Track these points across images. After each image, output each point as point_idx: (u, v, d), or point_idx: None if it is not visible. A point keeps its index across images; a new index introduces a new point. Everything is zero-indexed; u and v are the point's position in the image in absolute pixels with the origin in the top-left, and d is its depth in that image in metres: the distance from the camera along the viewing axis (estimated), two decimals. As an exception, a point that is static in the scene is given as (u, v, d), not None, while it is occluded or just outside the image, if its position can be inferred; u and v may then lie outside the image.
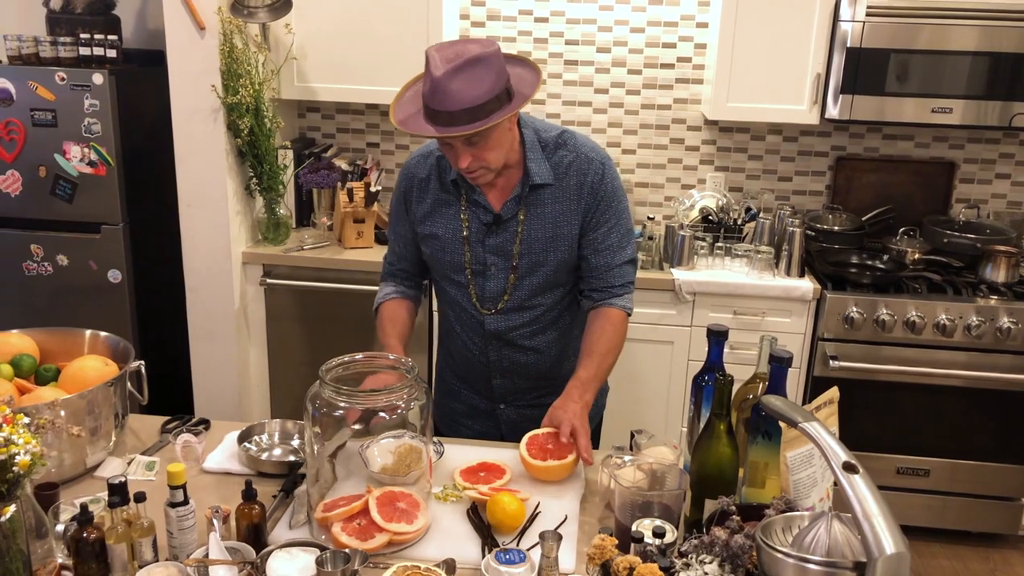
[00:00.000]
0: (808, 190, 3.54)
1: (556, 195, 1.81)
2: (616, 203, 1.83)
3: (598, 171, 1.81)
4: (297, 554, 1.35)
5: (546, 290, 1.86)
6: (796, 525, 1.21)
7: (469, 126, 1.57)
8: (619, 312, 1.86)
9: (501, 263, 1.83)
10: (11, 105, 3.13)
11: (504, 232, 1.82)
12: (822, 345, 3.03)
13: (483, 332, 1.89)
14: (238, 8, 2.97)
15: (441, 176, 1.86)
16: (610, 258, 1.84)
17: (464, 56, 1.56)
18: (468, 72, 1.56)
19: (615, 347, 1.85)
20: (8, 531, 1.23)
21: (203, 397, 3.27)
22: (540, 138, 1.82)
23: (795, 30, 3.04)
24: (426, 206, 1.87)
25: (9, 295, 3.33)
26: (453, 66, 1.55)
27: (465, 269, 1.86)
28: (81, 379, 1.67)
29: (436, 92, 1.57)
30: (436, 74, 1.56)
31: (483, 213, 1.82)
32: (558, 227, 1.81)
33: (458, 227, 1.84)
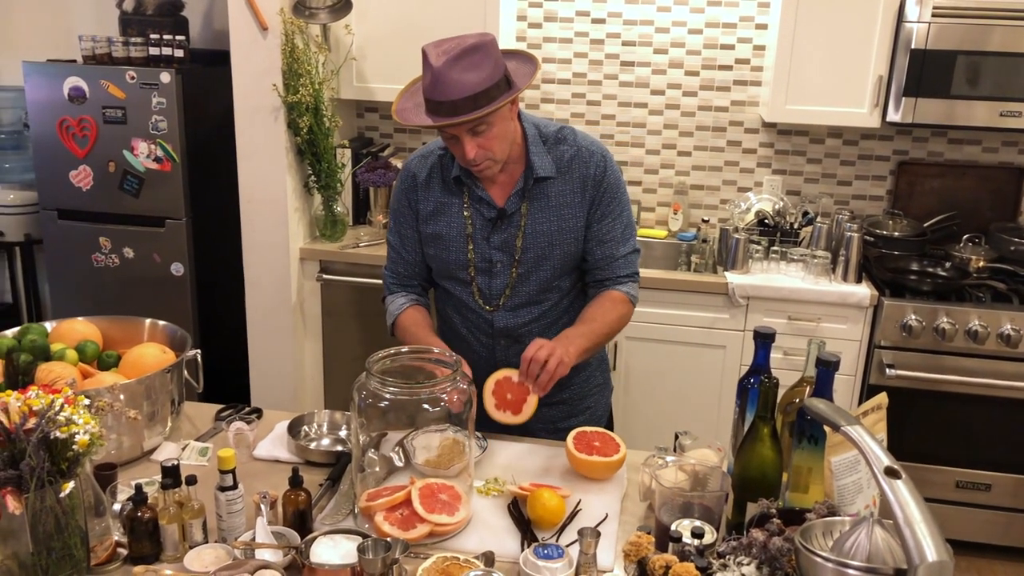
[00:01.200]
0: (868, 195, 3.46)
1: (560, 188, 1.82)
2: (619, 195, 1.85)
3: (600, 164, 1.82)
4: (340, 541, 1.38)
5: (553, 284, 1.86)
6: (837, 530, 1.19)
7: (471, 113, 1.59)
8: (621, 293, 1.87)
9: (506, 259, 1.84)
10: (84, 103, 3.25)
11: (508, 227, 1.82)
12: (878, 353, 2.96)
13: (491, 331, 1.89)
14: (300, 9, 3.04)
15: (444, 175, 1.86)
16: (614, 249, 1.86)
17: (461, 46, 1.58)
18: (467, 60, 1.58)
19: (611, 321, 1.84)
20: (67, 507, 1.29)
21: (259, 387, 3.35)
22: (540, 132, 1.84)
23: (857, 32, 2.98)
24: (430, 206, 1.87)
25: (79, 285, 3.46)
26: (451, 55, 1.57)
27: (469, 267, 1.85)
28: (140, 365, 1.73)
29: (437, 83, 1.58)
30: (436, 64, 1.58)
31: (486, 209, 1.82)
32: (563, 220, 1.82)
33: (462, 224, 1.84)
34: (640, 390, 3.18)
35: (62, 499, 1.28)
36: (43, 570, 1.29)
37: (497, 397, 1.71)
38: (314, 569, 1.32)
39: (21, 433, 1.26)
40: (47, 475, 1.26)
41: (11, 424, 1.26)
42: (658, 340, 3.10)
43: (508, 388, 1.71)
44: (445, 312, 1.98)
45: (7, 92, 3.76)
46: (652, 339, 3.10)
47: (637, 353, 3.14)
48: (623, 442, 1.69)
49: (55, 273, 3.51)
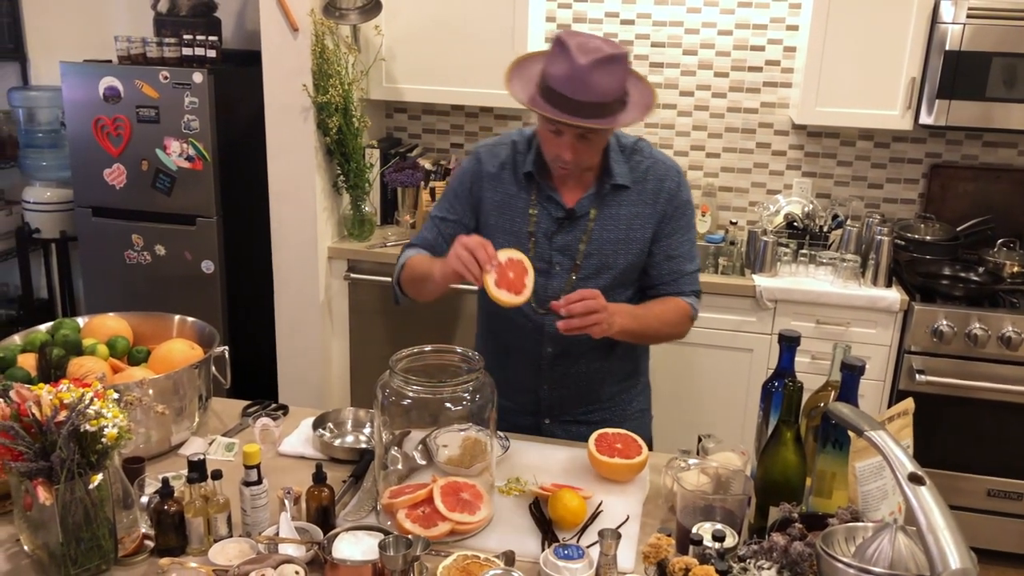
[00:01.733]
0: (900, 198, 3.42)
1: (632, 198, 1.81)
2: (690, 212, 1.87)
3: (675, 179, 1.83)
4: (362, 537, 1.39)
5: (612, 293, 1.79)
6: (859, 536, 1.18)
7: (597, 120, 1.59)
8: (685, 303, 1.86)
9: (566, 262, 1.81)
10: (119, 103, 3.31)
11: (573, 230, 1.81)
12: (908, 358, 2.92)
13: (540, 336, 1.85)
14: (330, 10, 3.07)
15: (516, 169, 1.84)
16: (681, 265, 1.86)
17: (604, 51, 1.58)
18: (608, 68, 1.58)
19: (667, 321, 1.83)
20: (96, 498, 1.31)
21: (287, 384, 3.38)
22: (619, 141, 1.83)
23: (889, 33, 2.95)
24: (497, 197, 1.85)
25: (111, 281, 3.52)
26: (596, 58, 1.56)
27: (536, 269, 1.79)
28: (168, 361, 1.76)
29: (575, 80, 1.57)
30: (580, 62, 1.56)
31: (555, 208, 1.81)
32: (631, 230, 1.81)
33: (525, 222, 1.82)
34: (665, 393, 3.15)
35: (91, 491, 1.30)
36: (72, 560, 1.31)
37: (498, 273, 1.61)
38: (336, 565, 1.33)
39: (52, 425, 1.29)
40: (77, 467, 1.29)
41: (43, 416, 1.29)
42: (684, 342, 3.04)
43: (511, 267, 1.62)
44: (490, 318, 1.94)
45: (45, 92, 3.83)
46: (678, 342, 3.08)
47: (662, 355, 3.12)
48: (645, 445, 1.69)
49: (89, 269, 3.57)
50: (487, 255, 1.59)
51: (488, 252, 1.59)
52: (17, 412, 1.30)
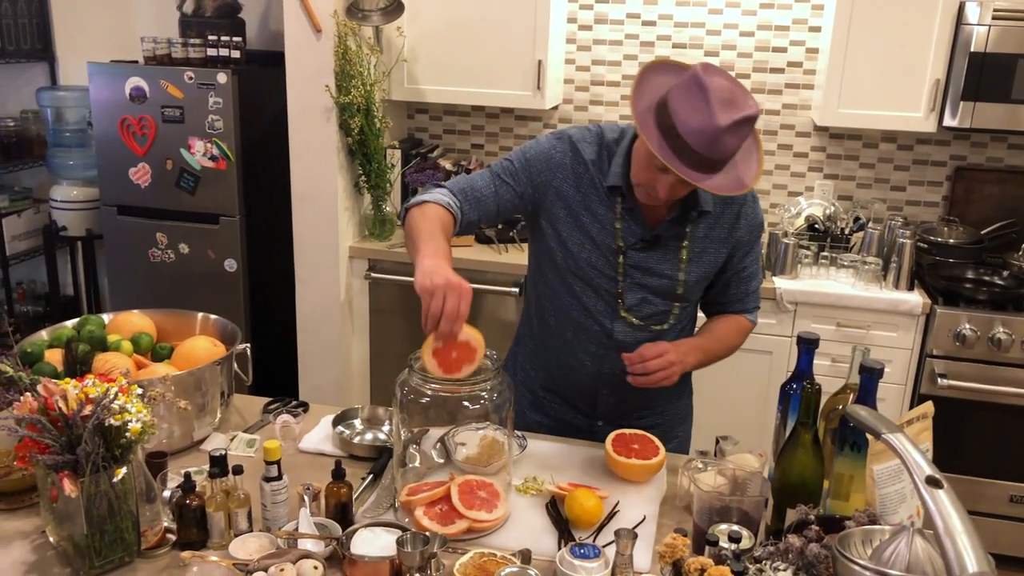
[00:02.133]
0: (923, 201, 3.39)
1: (711, 222, 1.77)
2: (761, 234, 1.85)
3: (752, 203, 1.80)
4: (380, 533, 1.41)
5: (679, 309, 1.82)
6: (876, 538, 1.18)
7: (723, 179, 1.54)
8: (745, 320, 1.89)
9: (643, 278, 1.77)
10: (144, 102, 3.35)
11: (655, 250, 1.76)
12: (930, 362, 2.90)
13: (607, 343, 1.81)
14: (353, 11, 3.09)
15: (601, 172, 1.74)
16: (748, 284, 1.87)
17: (744, 111, 1.49)
18: (743, 129, 1.51)
19: (731, 341, 1.87)
20: (120, 491, 1.34)
21: (307, 382, 3.41)
22: None
23: (913, 35, 2.93)
24: (578, 197, 1.75)
25: (136, 279, 3.56)
26: (736, 119, 1.48)
27: (610, 277, 1.77)
28: (191, 357, 1.78)
29: (711, 139, 1.49)
30: (721, 122, 1.47)
31: (638, 227, 1.74)
32: (707, 253, 1.79)
33: (613, 236, 1.75)
34: (684, 394, 3.15)
35: (115, 484, 1.33)
36: (96, 552, 1.34)
37: (445, 343, 1.47)
38: (354, 560, 1.35)
39: (78, 419, 1.31)
40: (101, 460, 1.31)
41: (69, 411, 1.32)
42: (703, 344, 3.08)
43: (459, 348, 1.49)
44: (550, 315, 1.86)
45: (73, 92, 3.89)
46: (697, 343, 3.08)
47: (682, 357, 3.12)
48: (663, 445, 1.69)
49: (114, 267, 3.62)
50: (455, 317, 1.43)
51: (459, 314, 1.43)
52: (44, 406, 1.33)
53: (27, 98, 4.09)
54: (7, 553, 1.41)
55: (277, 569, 1.26)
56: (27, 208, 4.06)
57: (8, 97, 4.13)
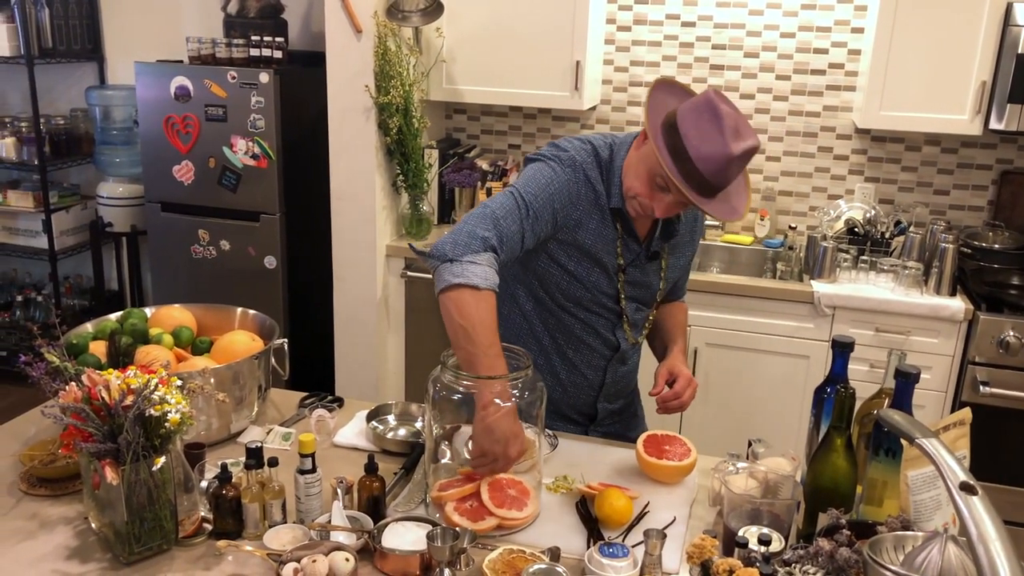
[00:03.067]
0: (967, 205, 3.33)
1: (682, 232, 1.86)
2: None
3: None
4: (411, 528, 1.42)
5: (653, 313, 1.94)
6: (909, 544, 1.17)
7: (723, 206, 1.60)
8: (684, 304, 2.07)
9: (634, 291, 1.83)
10: (189, 101, 3.42)
11: (650, 263, 1.83)
12: (972, 369, 2.85)
13: (612, 355, 1.87)
14: (393, 12, 3.12)
15: (606, 197, 1.72)
16: (687, 273, 2.02)
17: (750, 141, 1.55)
18: (746, 159, 1.57)
19: (686, 329, 2.03)
20: (159, 480, 1.37)
21: (343, 378, 3.45)
22: None
23: (959, 36, 2.88)
24: (584, 221, 1.71)
25: (178, 274, 3.64)
26: (744, 149, 1.54)
27: (612, 296, 1.80)
28: (230, 351, 1.82)
29: (715, 163, 1.52)
30: (734, 151, 1.52)
31: (635, 244, 1.77)
32: (679, 259, 1.90)
33: (614, 255, 1.76)
34: (719, 397, 3.14)
35: (155, 473, 1.36)
36: (136, 538, 1.37)
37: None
38: (385, 553, 1.37)
39: (120, 409, 1.35)
40: (142, 449, 1.35)
41: (111, 400, 1.35)
42: (739, 348, 3.06)
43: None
44: (544, 335, 1.83)
45: (120, 91, 3.98)
46: (733, 346, 3.06)
47: (717, 360, 3.10)
48: (694, 447, 1.69)
49: (157, 262, 3.70)
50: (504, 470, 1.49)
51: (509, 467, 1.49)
52: (88, 395, 1.37)
53: (77, 97, 4.20)
54: (51, 538, 1.45)
55: (310, 560, 1.28)
56: (75, 204, 4.17)
57: (59, 96, 4.24)
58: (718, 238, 3.48)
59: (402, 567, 1.36)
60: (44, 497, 1.56)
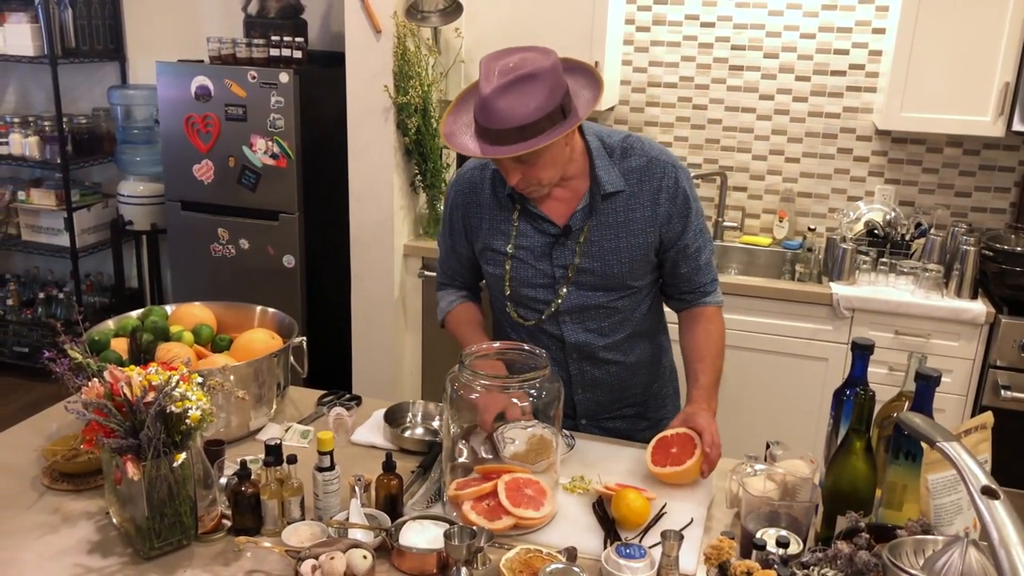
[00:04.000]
0: (989, 207, 3.30)
1: (628, 203, 1.73)
2: (696, 205, 1.78)
3: (672, 175, 1.73)
4: (428, 526, 1.43)
5: (622, 298, 1.79)
6: (929, 548, 1.16)
7: (515, 146, 1.51)
8: (715, 309, 1.85)
9: (567, 275, 1.77)
10: (209, 101, 3.44)
11: (573, 244, 1.75)
12: (993, 373, 2.82)
13: (562, 346, 1.82)
14: (413, 13, 3.13)
15: (495, 189, 1.79)
16: (697, 260, 1.81)
17: (516, 71, 1.49)
18: (518, 89, 1.49)
19: (722, 346, 1.84)
20: (180, 476, 1.38)
21: (360, 376, 3.46)
22: (605, 144, 1.74)
23: (982, 37, 2.85)
24: (485, 221, 1.80)
25: (197, 272, 3.66)
26: (503, 82, 1.49)
27: (531, 284, 1.79)
28: (250, 349, 1.83)
29: (484, 109, 1.51)
30: (485, 91, 1.50)
31: (547, 226, 1.75)
32: (631, 235, 1.74)
33: (506, 243, 1.77)
34: (736, 399, 3.12)
35: (175, 469, 1.37)
36: (156, 534, 1.38)
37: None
38: (402, 551, 1.37)
39: (141, 405, 1.36)
40: (163, 445, 1.36)
41: (133, 396, 1.37)
42: (757, 350, 3.05)
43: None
44: (509, 332, 1.90)
45: (142, 90, 4.01)
46: (751, 348, 3.05)
47: (735, 362, 3.07)
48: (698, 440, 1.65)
49: (177, 261, 3.73)
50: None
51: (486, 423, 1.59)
52: (110, 392, 1.38)
53: (99, 96, 4.24)
54: (73, 532, 1.46)
55: (328, 557, 1.29)
56: (96, 203, 4.21)
57: (81, 95, 4.29)
58: (736, 239, 3.47)
59: (419, 565, 1.37)
60: (66, 492, 1.58)
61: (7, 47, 3.93)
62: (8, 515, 1.50)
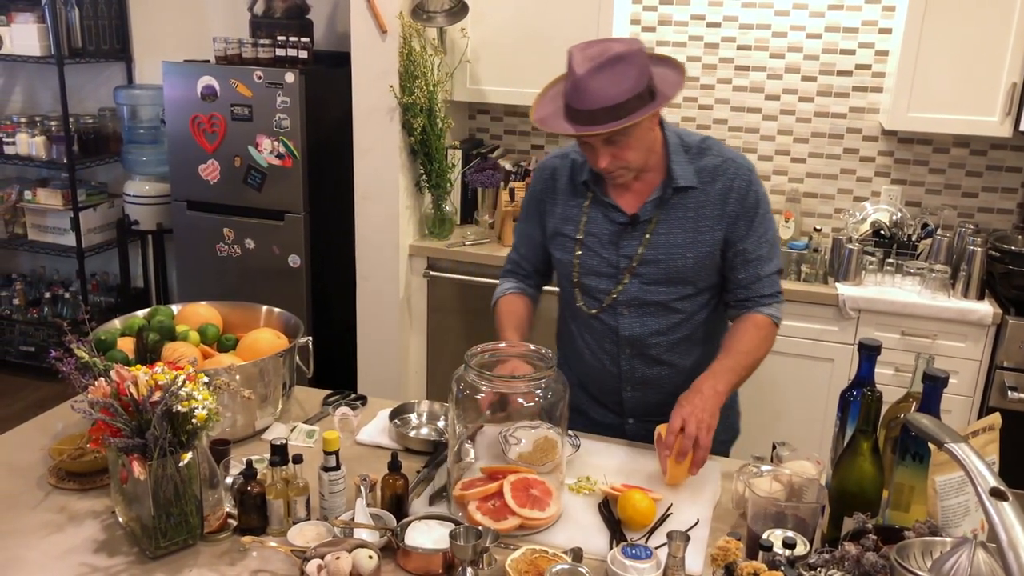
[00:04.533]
0: (996, 208, 3.29)
1: (699, 199, 1.77)
2: (764, 212, 1.79)
3: (745, 177, 1.77)
4: (434, 526, 1.43)
5: (683, 296, 1.81)
6: (937, 550, 1.15)
7: (608, 124, 1.57)
8: (765, 318, 1.81)
9: (631, 266, 1.79)
10: (215, 101, 3.45)
11: (639, 234, 1.78)
12: (1000, 374, 2.81)
13: (616, 339, 1.84)
14: (418, 13, 3.13)
15: (573, 177, 1.85)
16: (759, 268, 1.80)
17: (607, 54, 1.57)
18: (610, 70, 1.56)
19: (756, 348, 1.79)
20: (185, 476, 1.39)
21: (366, 376, 3.47)
22: (683, 142, 1.80)
23: (989, 36, 2.84)
24: (558, 206, 1.87)
25: (203, 273, 3.67)
26: (595, 64, 1.56)
27: (595, 272, 1.82)
28: (255, 349, 1.83)
29: (577, 90, 1.58)
30: (578, 72, 1.57)
31: (617, 215, 1.79)
32: (699, 231, 1.77)
33: (576, 229, 1.83)
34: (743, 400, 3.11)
35: (181, 468, 1.37)
36: (162, 533, 1.39)
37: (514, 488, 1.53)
38: (408, 551, 1.37)
39: (147, 405, 1.36)
40: (169, 445, 1.36)
41: (139, 396, 1.37)
42: (762, 350, 3.04)
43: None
44: (568, 325, 1.95)
45: (148, 90, 4.02)
46: (756, 349, 3.03)
47: (740, 362, 3.08)
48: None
49: (182, 260, 3.73)
50: None
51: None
52: (116, 391, 1.39)
53: (105, 96, 4.25)
54: (79, 531, 1.47)
55: (333, 557, 1.29)
56: (102, 202, 4.22)
57: (88, 95, 4.30)
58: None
59: (425, 565, 1.37)
60: (72, 491, 1.58)
61: (14, 47, 3.94)
62: (14, 514, 1.51)
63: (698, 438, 1.58)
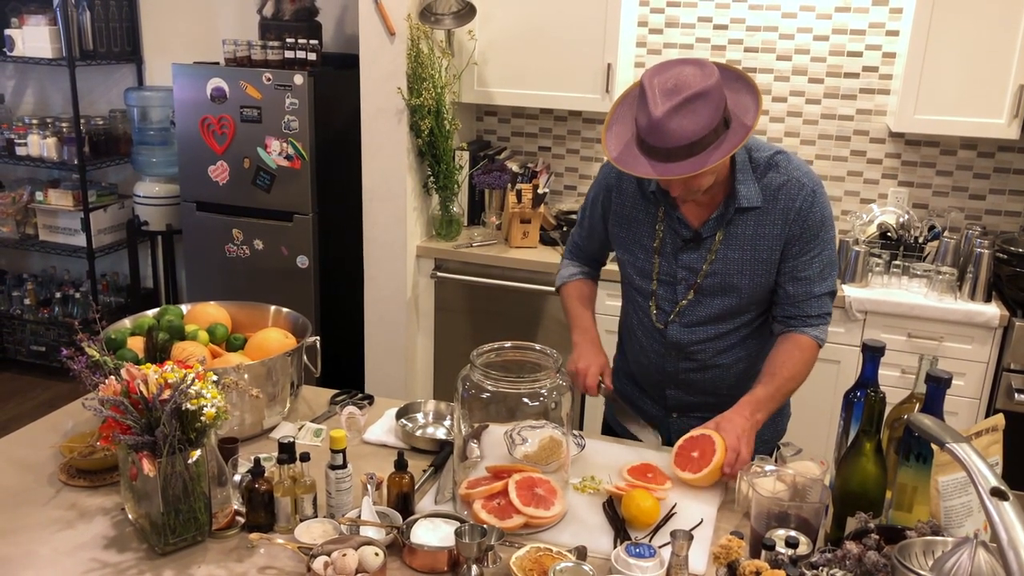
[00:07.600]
0: (1004, 210, 3.29)
1: (760, 218, 1.74)
2: (823, 232, 1.75)
3: (808, 197, 1.72)
4: (439, 524, 1.44)
5: (736, 311, 1.80)
6: (938, 549, 1.16)
7: (687, 163, 1.54)
8: (810, 340, 1.79)
9: (690, 279, 1.80)
10: (224, 103, 3.47)
11: (700, 249, 1.77)
12: (1007, 376, 2.81)
13: (663, 341, 1.86)
14: (426, 15, 3.15)
15: (641, 181, 1.80)
16: (809, 287, 1.76)
17: (684, 92, 1.52)
18: (688, 108, 1.52)
19: (799, 374, 1.78)
20: (194, 473, 1.40)
21: (373, 376, 3.48)
22: (752, 158, 1.74)
23: (996, 38, 2.84)
24: (625, 209, 1.85)
25: (212, 273, 3.69)
26: (672, 105, 1.51)
27: (652, 279, 1.83)
28: (264, 348, 1.85)
29: (654, 131, 1.54)
30: (655, 114, 1.52)
31: (682, 228, 1.78)
32: (757, 250, 1.75)
33: (652, 238, 1.81)
34: (748, 401, 3.12)
35: (190, 466, 1.39)
36: (171, 530, 1.40)
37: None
38: (414, 549, 1.39)
39: (157, 403, 1.38)
40: (178, 442, 1.38)
41: (149, 394, 1.39)
42: (769, 351, 3.04)
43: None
44: (626, 310, 1.99)
45: (158, 92, 4.05)
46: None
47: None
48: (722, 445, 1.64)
49: (192, 261, 3.76)
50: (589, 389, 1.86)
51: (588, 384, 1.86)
52: (127, 389, 1.40)
53: (115, 98, 4.28)
54: (89, 528, 1.48)
55: (340, 554, 1.30)
56: (112, 203, 4.25)
57: (98, 97, 4.33)
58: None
59: (430, 563, 1.38)
60: (83, 488, 1.60)
61: (26, 49, 3.97)
62: (25, 511, 1.53)
63: (737, 460, 1.61)
